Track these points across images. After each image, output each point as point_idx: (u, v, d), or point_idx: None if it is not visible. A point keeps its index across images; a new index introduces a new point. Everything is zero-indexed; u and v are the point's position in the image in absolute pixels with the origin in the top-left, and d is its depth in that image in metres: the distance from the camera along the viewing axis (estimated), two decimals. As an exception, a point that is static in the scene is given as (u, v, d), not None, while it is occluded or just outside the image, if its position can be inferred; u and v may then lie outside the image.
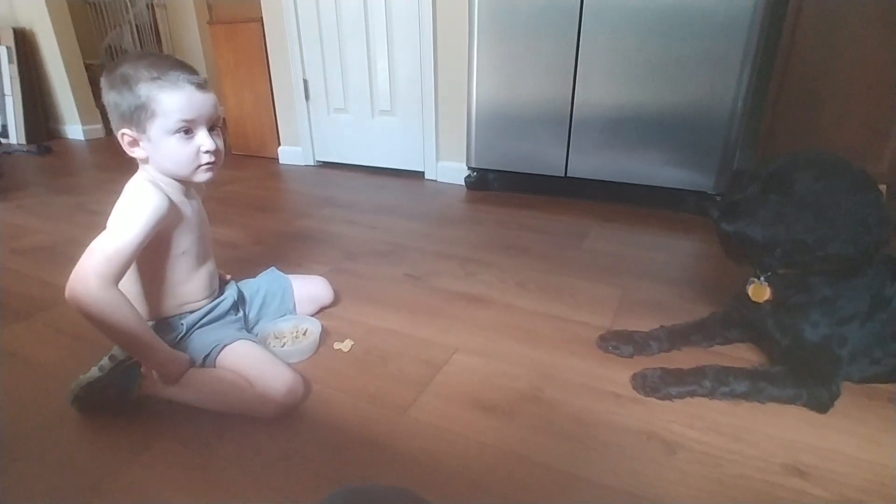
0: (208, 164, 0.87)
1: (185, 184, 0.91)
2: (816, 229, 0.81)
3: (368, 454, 0.78)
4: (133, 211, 0.81)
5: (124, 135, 0.83)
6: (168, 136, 0.83)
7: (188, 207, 0.91)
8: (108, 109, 0.83)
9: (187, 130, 0.84)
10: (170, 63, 0.83)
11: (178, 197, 0.89)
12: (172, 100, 0.81)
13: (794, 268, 0.88)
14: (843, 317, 0.85)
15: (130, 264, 0.80)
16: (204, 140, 0.85)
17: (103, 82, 0.83)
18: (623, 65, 1.76)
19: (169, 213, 0.84)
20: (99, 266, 0.75)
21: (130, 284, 0.88)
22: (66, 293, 0.75)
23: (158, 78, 0.80)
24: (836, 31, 1.85)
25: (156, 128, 0.82)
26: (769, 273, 0.92)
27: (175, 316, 0.94)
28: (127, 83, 0.80)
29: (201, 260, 0.96)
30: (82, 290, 0.74)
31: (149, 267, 0.89)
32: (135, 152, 0.85)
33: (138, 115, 0.81)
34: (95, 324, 0.76)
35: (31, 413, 0.87)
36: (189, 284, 0.94)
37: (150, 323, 0.92)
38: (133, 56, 0.84)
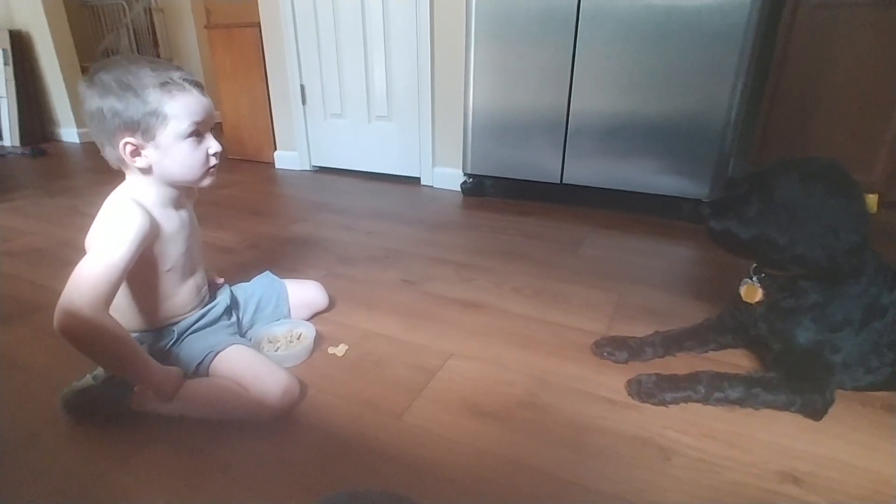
0: (213, 167, 0.87)
1: (180, 190, 0.90)
2: (788, 230, 0.82)
3: (363, 459, 0.77)
4: (117, 231, 0.78)
5: (127, 143, 0.79)
6: (180, 141, 0.82)
7: (175, 219, 0.89)
8: (101, 118, 0.78)
9: (198, 134, 0.83)
10: (167, 65, 0.82)
11: (165, 210, 0.87)
12: (184, 103, 0.80)
13: (774, 268, 0.90)
14: (834, 323, 0.86)
15: (119, 287, 0.78)
16: (212, 142, 0.86)
17: (90, 91, 0.78)
18: (619, 73, 1.78)
19: (152, 231, 0.82)
20: (87, 293, 0.73)
21: (115, 299, 0.86)
22: (56, 324, 0.71)
23: (167, 83, 0.79)
24: (829, 40, 1.87)
25: (168, 133, 0.80)
26: (762, 275, 0.93)
27: (164, 327, 0.92)
28: (132, 89, 0.77)
29: (188, 272, 0.94)
30: (73, 320, 0.71)
31: (133, 284, 0.86)
32: (136, 162, 0.82)
33: (148, 122, 0.79)
34: (88, 352, 0.74)
35: (20, 417, 0.86)
36: (176, 298, 0.92)
37: (137, 333, 0.90)
38: (121, 61, 0.80)
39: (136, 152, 0.81)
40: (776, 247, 0.84)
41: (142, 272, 0.85)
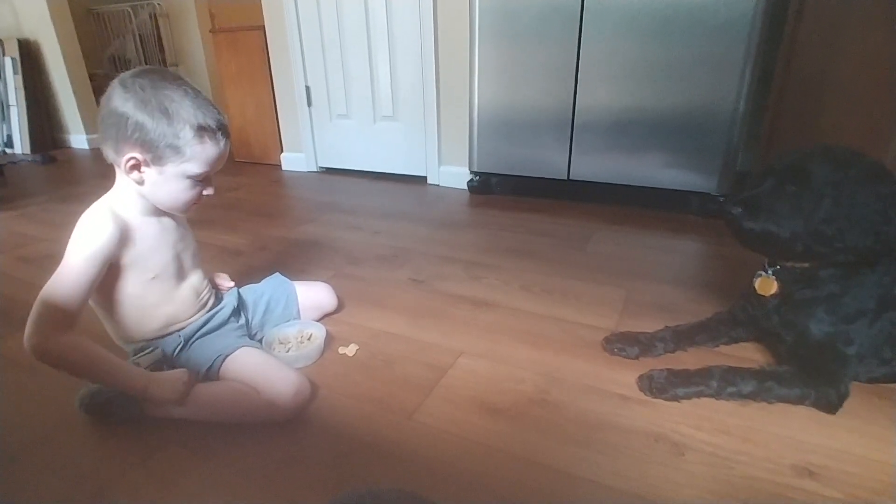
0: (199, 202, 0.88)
1: None
2: (835, 220, 0.79)
3: (374, 458, 0.77)
4: (78, 249, 0.79)
5: (132, 158, 0.79)
6: (183, 179, 0.81)
7: (156, 226, 0.88)
8: (120, 124, 0.76)
9: (204, 178, 0.84)
10: (206, 104, 0.80)
11: (147, 217, 0.86)
12: (208, 154, 0.80)
13: (816, 260, 0.86)
14: (848, 314, 0.85)
15: (81, 305, 0.78)
16: (210, 188, 0.86)
17: (123, 94, 0.76)
18: (624, 67, 1.77)
19: (120, 242, 0.82)
20: (45, 316, 0.75)
21: (103, 312, 0.88)
22: (25, 344, 0.74)
23: (204, 129, 0.78)
24: (837, 31, 1.85)
25: (177, 169, 0.80)
26: (777, 267, 0.92)
27: (166, 336, 0.91)
28: (168, 117, 0.76)
29: (180, 278, 0.92)
30: (32, 343, 0.74)
31: (117, 294, 0.86)
32: (132, 175, 0.81)
33: (165, 152, 0.78)
34: (62, 370, 0.77)
35: (35, 420, 0.87)
36: (171, 305, 0.91)
37: (144, 343, 0.90)
38: (164, 79, 0.78)
39: (136, 167, 0.80)
40: (823, 239, 0.81)
41: (123, 283, 0.85)
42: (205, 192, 0.86)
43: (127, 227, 0.83)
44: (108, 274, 0.83)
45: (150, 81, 0.77)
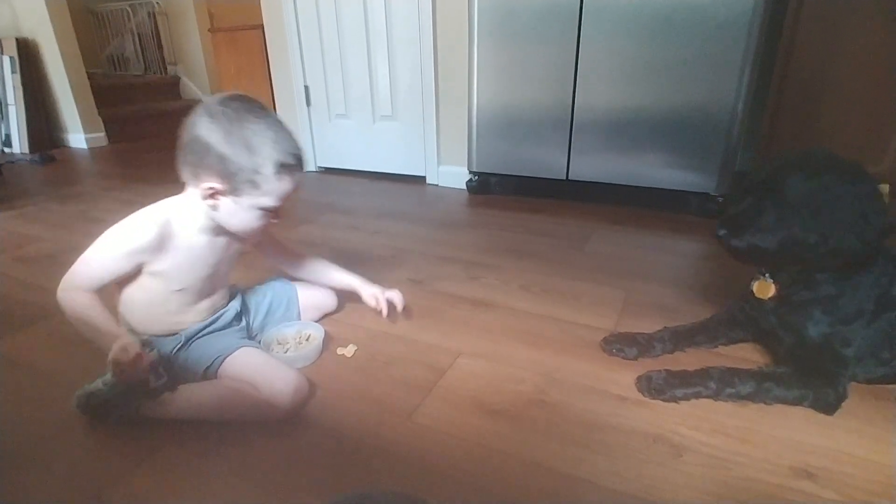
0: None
1: None
2: (815, 227, 0.80)
3: (373, 459, 0.77)
4: (113, 239, 0.84)
5: (211, 187, 0.81)
6: (256, 210, 0.84)
7: (205, 245, 0.90)
8: (203, 153, 0.78)
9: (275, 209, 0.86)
10: (287, 136, 0.82)
11: (201, 235, 0.88)
12: (284, 189, 0.83)
13: (807, 265, 0.87)
14: (845, 315, 0.85)
15: (100, 282, 0.83)
16: (279, 218, 0.88)
17: (210, 125, 0.78)
18: (623, 67, 1.77)
19: (156, 251, 0.84)
20: (69, 278, 0.84)
21: (120, 299, 0.90)
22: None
23: (285, 165, 0.81)
24: (836, 30, 1.85)
25: (253, 201, 0.82)
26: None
27: (167, 336, 0.92)
28: (250, 151, 0.78)
29: (204, 295, 0.94)
30: (58, 293, 0.83)
31: (137, 293, 0.88)
32: (208, 201, 0.83)
33: (243, 185, 0.80)
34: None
35: (33, 421, 0.87)
36: (183, 315, 0.93)
37: (136, 338, 0.89)
38: (250, 111, 0.79)
39: (213, 195, 0.82)
40: (807, 246, 0.81)
41: (146, 287, 0.87)
42: (273, 221, 0.88)
43: (170, 239, 0.85)
44: (135, 274, 0.86)
45: (234, 112, 0.79)
